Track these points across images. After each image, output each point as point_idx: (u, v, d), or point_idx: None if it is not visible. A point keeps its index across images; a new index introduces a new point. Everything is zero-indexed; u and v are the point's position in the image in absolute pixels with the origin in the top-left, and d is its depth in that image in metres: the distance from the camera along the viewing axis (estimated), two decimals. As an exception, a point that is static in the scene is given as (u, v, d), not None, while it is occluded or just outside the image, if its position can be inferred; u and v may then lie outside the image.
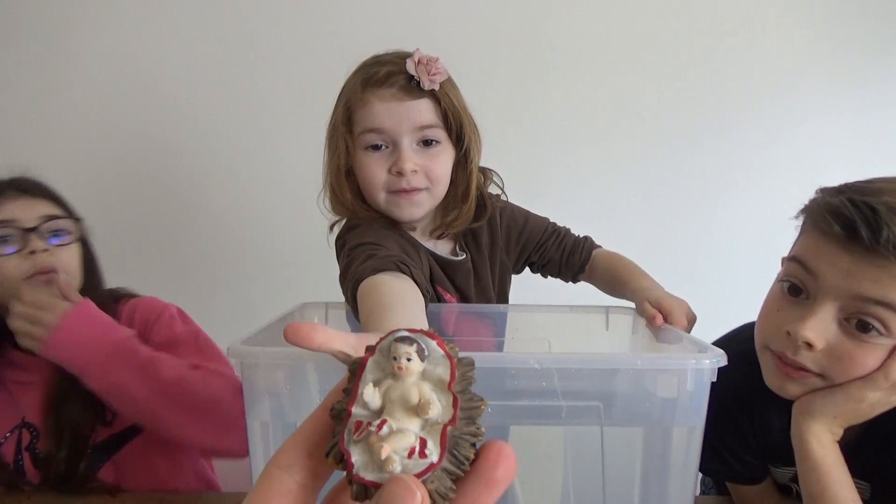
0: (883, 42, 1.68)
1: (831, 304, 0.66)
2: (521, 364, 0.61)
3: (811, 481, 0.70)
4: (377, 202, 0.90)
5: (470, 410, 0.24)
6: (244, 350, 0.60)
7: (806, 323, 0.66)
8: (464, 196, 0.94)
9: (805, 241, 0.71)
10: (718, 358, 0.64)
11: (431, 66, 0.86)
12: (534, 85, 1.68)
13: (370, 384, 0.24)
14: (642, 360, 0.65)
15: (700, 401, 0.65)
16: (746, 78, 1.70)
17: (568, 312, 0.98)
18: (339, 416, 0.24)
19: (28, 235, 0.95)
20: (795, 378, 0.70)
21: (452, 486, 0.23)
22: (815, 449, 0.70)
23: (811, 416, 0.70)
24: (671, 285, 0.93)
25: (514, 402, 0.64)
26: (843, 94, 1.69)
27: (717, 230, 1.72)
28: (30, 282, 0.93)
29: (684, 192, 1.73)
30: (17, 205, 0.97)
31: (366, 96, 0.87)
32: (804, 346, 0.67)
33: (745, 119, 1.71)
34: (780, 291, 0.73)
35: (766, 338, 0.74)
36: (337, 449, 0.24)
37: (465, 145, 0.91)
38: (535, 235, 1.04)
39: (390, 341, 0.24)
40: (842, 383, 0.68)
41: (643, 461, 0.75)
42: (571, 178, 1.70)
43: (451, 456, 0.23)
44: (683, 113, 1.70)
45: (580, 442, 0.76)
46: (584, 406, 0.66)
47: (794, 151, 1.71)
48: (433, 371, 0.24)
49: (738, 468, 0.83)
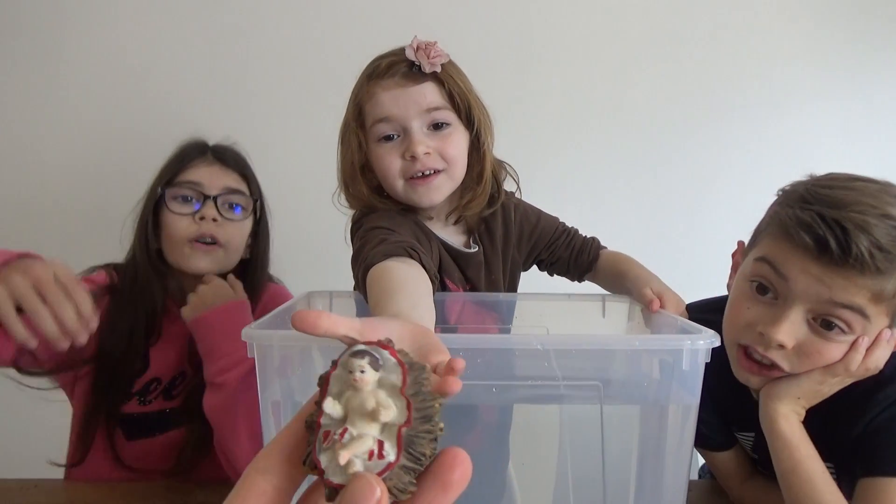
0: (874, 34, 1.71)
1: (801, 306, 0.73)
2: (525, 345, 0.63)
3: (784, 457, 0.76)
4: (396, 191, 0.91)
5: (425, 410, 0.26)
6: (259, 334, 0.62)
7: (780, 327, 0.73)
8: (478, 178, 0.95)
9: (774, 246, 0.76)
10: (712, 339, 0.67)
11: (430, 49, 0.88)
12: (526, 79, 1.69)
13: (330, 397, 0.26)
14: (640, 340, 0.68)
15: (695, 380, 0.68)
16: (740, 71, 1.71)
17: (566, 301, 1.00)
18: (311, 426, 0.27)
19: (206, 202, 1.04)
20: (760, 373, 0.78)
21: (412, 479, 0.25)
22: (784, 427, 0.76)
23: (778, 398, 0.77)
24: (662, 278, 0.95)
25: (518, 382, 0.66)
26: (836, 85, 1.72)
27: (710, 223, 1.75)
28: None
29: (676, 184, 1.75)
30: (208, 171, 1.06)
31: (371, 89, 0.89)
32: (776, 346, 0.74)
33: (738, 111, 1.72)
34: (749, 290, 0.78)
35: (736, 334, 0.79)
36: (310, 457, 0.26)
37: (475, 126, 0.92)
38: (547, 234, 1.06)
39: (347, 356, 0.27)
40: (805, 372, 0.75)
41: (640, 439, 0.78)
42: (563, 171, 1.72)
43: (407, 454, 0.25)
44: (676, 106, 1.72)
45: (577, 422, 0.79)
46: (584, 385, 0.69)
47: (788, 143, 1.74)
48: (387, 378, 0.26)
49: (705, 431, 0.87)
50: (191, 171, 1.06)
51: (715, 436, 0.90)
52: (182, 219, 1.04)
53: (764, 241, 0.78)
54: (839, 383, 0.76)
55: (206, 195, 1.05)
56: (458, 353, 0.32)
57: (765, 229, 0.79)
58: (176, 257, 1.05)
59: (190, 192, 1.05)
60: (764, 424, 0.79)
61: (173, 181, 1.05)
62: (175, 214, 1.04)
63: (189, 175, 1.05)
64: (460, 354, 0.32)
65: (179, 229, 1.03)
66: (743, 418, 0.87)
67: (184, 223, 1.03)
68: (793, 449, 0.76)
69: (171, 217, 1.04)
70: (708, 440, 0.90)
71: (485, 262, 0.99)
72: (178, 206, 1.04)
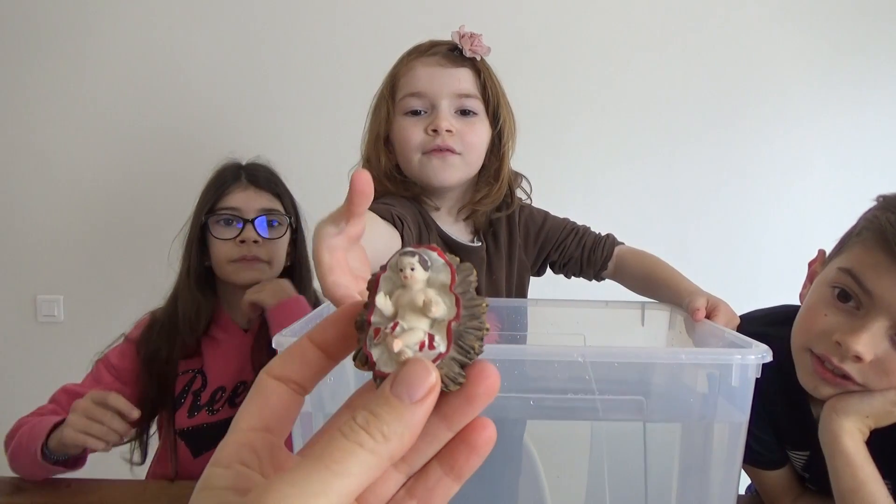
0: (889, 42, 1.67)
1: (885, 320, 0.67)
2: (566, 357, 0.60)
3: (846, 476, 0.71)
4: (412, 165, 0.91)
5: (473, 308, 0.27)
6: (289, 341, 0.61)
7: (859, 337, 0.67)
8: (495, 175, 0.95)
9: (862, 255, 0.70)
10: (763, 353, 0.63)
11: (475, 38, 0.90)
12: (553, 82, 1.68)
13: (382, 294, 0.27)
14: (686, 353, 0.64)
15: (745, 397, 0.64)
16: (760, 76, 1.70)
17: (603, 308, 0.97)
18: (361, 326, 0.27)
19: (246, 226, 1.12)
20: (834, 383, 0.72)
21: (461, 371, 0.26)
22: (849, 445, 0.71)
23: (845, 414, 0.71)
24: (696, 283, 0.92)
25: (558, 395, 0.63)
26: (843, 90, 1.69)
27: (735, 227, 1.71)
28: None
29: (711, 191, 1.72)
30: (244, 195, 1.14)
31: (411, 62, 0.91)
32: (853, 358, 0.68)
33: (774, 116, 1.70)
34: (829, 296, 0.72)
35: (808, 340, 0.74)
36: (362, 352, 0.27)
37: (500, 124, 0.94)
38: (554, 234, 1.04)
39: (397, 257, 0.27)
40: (881, 390, 0.70)
41: (682, 458, 0.74)
42: (596, 178, 1.71)
43: (457, 346, 0.26)
44: (697, 111, 1.71)
45: (613, 439, 0.76)
46: (625, 400, 0.66)
47: (828, 149, 1.69)
48: (436, 277, 0.27)
49: (757, 448, 0.83)
50: (228, 198, 1.14)
51: (769, 454, 0.85)
52: (225, 243, 1.13)
53: (854, 249, 0.72)
54: None
55: (244, 219, 1.13)
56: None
57: (857, 235, 0.73)
58: (224, 275, 1.14)
59: (229, 216, 1.13)
60: (825, 440, 0.73)
61: (214, 209, 1.14)
62: (219, 240, 1.13)
63: (227, 201, 1.14)
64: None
65: (224, 252, 1.13)
66: (798, 436, 0.82)
67: (227, 247, 1.12)
68: (856, 468, 0.71)
69: (215, 242, 1.14)
70: (761, 458, 0.86)
71: (487, 259, 0.99)
72: (221, 231, 1.13)
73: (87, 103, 1.69)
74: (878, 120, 1.69)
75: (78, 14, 1.66)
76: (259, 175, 1.17)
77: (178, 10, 1.66)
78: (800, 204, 1.70)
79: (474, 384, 0.26)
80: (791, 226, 1.69)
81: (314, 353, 0.29)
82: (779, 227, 1.71)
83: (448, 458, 0.27)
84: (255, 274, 1.13)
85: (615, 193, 1.71)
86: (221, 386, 1.13)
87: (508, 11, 1.66)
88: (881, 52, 1.67)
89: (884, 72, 1.68)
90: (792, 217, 1.70)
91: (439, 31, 0.96)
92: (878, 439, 0.74)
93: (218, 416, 1.13)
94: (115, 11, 1.66)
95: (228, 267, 1.13)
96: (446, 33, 0.94)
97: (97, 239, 1.72)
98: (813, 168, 1.70)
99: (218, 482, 0.26)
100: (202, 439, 1.12)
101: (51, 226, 1.72)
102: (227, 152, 1.22)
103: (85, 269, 1.74)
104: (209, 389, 1.13)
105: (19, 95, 1.68)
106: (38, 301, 1.75)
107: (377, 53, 1.02)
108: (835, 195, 1.65)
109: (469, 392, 0.26)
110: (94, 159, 1.70)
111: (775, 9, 1.67)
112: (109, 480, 1.04)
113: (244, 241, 1.11)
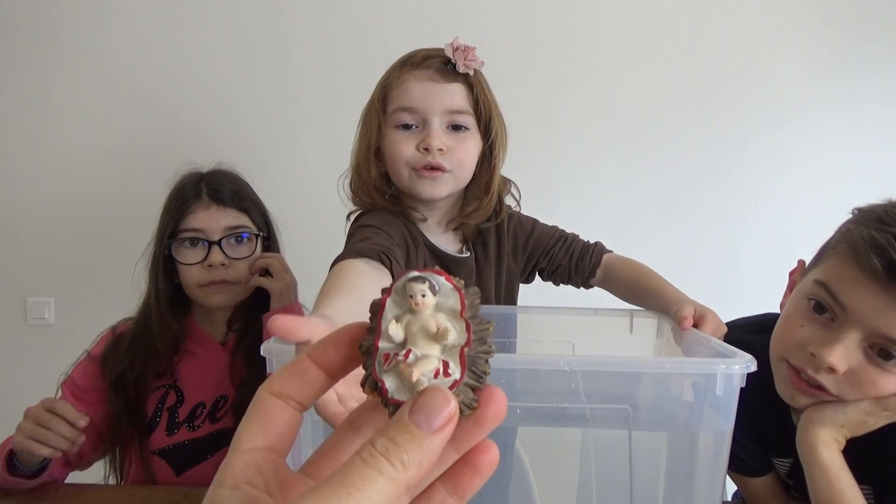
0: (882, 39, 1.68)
1: (858, 333, 0.68)
2: (552, 366, 0.61)
3: (822, 486, 0.72)
4: (402, 179, 0.91)
5: (481, 332, 0.27)
6: (278, 349, 0.61)
7: (833, 350, 0.68)
8: (485, 189, 0.95)
9: (836, 269, 0.71)
10: (748, 363, 0.63)
11: (469, 52, 0.89)
12: (548, 90, 1.69)
13: (393, 321, 0.27)
14: (671, 363, 0.65)
15: (729, 406, 0.64)
16: (762, 83, 1.70)
17: (592, 315, 0.98)
18: (367, 351, 0.27)
19: (211, 248, 1.06)
20: (808, 394, 0.73)
21: (475, 396, 0.26)
22: (825, 455, 0.72)
23: (821, 424, 0.73)
24: (683, 290, 0.93)
25: (545, 404, 0.64)
26: (844, 92, 1.70)
27: (733, 236, 1.72)
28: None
29: (699, 196, 1.73)
30: (206, 214, 1.07)
31: (403, 75, 0.90)
32: (827, 369, 0.69)
33: (761, 124, 1.71)
34: (806, 307, 0.73)
35: (785, 350, 0.75)
36: (371, 378, 0.27)
37: (491, 138, 0.93)
38: (543, 241, 1.05)
39: (404, 282, 0.27)
40: (855, 400, 0.71)
41: (668, 466, 0.75)
42: (585, 183, 1.71)
43: (470, 372, 0.26)
44: (699, 118, 1.71)
45: (601, 446, 0.76)
46: (611, 409, 0.66)
47: (816, 155, 1.70)
48: (445, 303, 0.27)
49: (741, 455, 0.84)
50: (190, 218, 1.08)
51: (753, 461, 0.86)
52: (192, 268, 1.07)
53: (830, 262, 0.73)
54: (888, 418, 0.72)
55: (209, 241, 1.07)
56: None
57: (832, 248, 0.74)
58: (195, 298, 1.10)
59: (194, 237, 1.07)
60: (801, 450, 0.75)
61: (176, 232, 1.08)
62: (185, 265, 1.07)
63: (189, 222, 1.07)
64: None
65: (192, 277, 1.07)
66: (781, 443, 0.83)
67: (194, 271, 1.07)
68: (832, 478, 0.72)
69: (181, 267, 1.08)
70: (746, 465, 0.86)
71: (476, 269, 0.99)
72: (186, 254, 1.07)
73: (78, 106, 1.68)
74: (867, 127, 1.70)
75: (64, 21, 1.65)
76: (222, 190, 1.10)
77: (166, 17, 1.66)
78: (789, 209, 1.72)
79: (484, 408, 0.26)
80: (780, 231, 1.71)
81: (315, 372, 0.28)
82: (768, 231, 1.72)
83: (452, 480, 0.27)
84: (225, 297, 1.09)
85: (605, 195, 1.72)
86: (201, 402, 1.10)
87: (499, 13, 1.67)
88: (873, 62, 1.69)
89: (876, 81, 1.69)
90: (781, 222, 1.71)
91: (433, 38, 0.95)
92: (856, 445, 0.75)
93: (199, 433, 1.10)
94: (101, 20, 1.65)
95: (198, 291, 1.08)
96: (437, 40, 0.93)
97: (88, 241, 1.72)
98: (803, 174, 1.71)
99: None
100: (184, 457, 1.09)
101: (41, 228, 1.71)
102: (186, 161, 1.17)
103: (76, 271, 1.73)
104: (187, 405, 1.10)
105: (8, 98, 1.67)
106: (28, 303, 1.74)
107: (366, 60, 1.02)
108: (823, 202, 1.66)
109: (479, 415, 0.26)
110: (85, 161, 1.70)
111: (765, 14, 1.68)
112: (97, 486, 1.04)
113: (212, 265, 1.06)
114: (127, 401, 1.06)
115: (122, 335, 1.10)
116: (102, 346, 1.10)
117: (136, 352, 1.07)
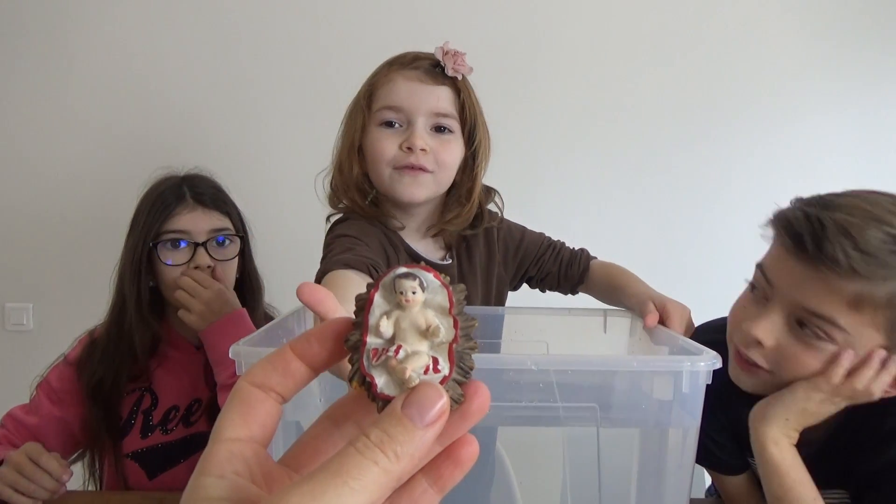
0: (885, 42, 1.70)
1: (781, 308, 0.72)
2: (519, 365, 0.62)
3: (773, 484, 0.74)
4: (382, 178, 0.90)
5: (467, 329, 0.28)
6: (248, 351, 0.61)
7: (758, 324, 0.72)
8: (467, 196, 0.95)
9: (770, 250, 0.76)
10: (713, 360, 0.65)
11: (458, 57, 0.90)
12: (530, 88, 1.69)
13: (383, 317, 0.27)
14: (638, 361, 0.66)
15: (695, 402, 0.66)
16: (744, 80, 1.71)
17: (566, 315, 0.99)
18: (354, 346, 0.27)
19: (197, 249, 1.06)
20: (747, 371, 0.76)
21: (462, 392, 0.27)
22: (774, 452, 0.74)
23: (766, 421, 0.74)
24: (666, 287, 0.94)
25: (512, 402, 0.65)
26: (843, 94, 1.71)
27: (714, 232, 1.73)
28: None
29: (680, 194, 1.74)
30: (191, 216, 1.07)
31: (391, 74, 0.90)
32: (754, 342, 0.73)
33: (742, 121, 1.72)
34: (748, 290, 0.78)
35: (730, 331, 0.79)
36: (359, 374, 0.27)
37: (475, 145, 0.93)
38: (532, 250, 1.05)
39: (393, 278, 0.27)
40: (789, 387, 0.73)
41: (640, 461, 0.76)
42: (567, 181, 1.72)
43: (458, 368, 0.27)
44: (680, 115, 1.72)
45: (579, 443, 0.77)
46: (580, 407, 0.67)
47: (793, 152, 1.72)
48: (433, 299, 0.27)
49: (717, 453, 0.85)
50: (175, 220, 1.07)
51: (729, 459, 0.87)
52: (175, 269, 1.05)
53: (769, 246, 0.77)
54: (827, 402, 0.72)
55: (195, 242, 1.07)
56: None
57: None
58: (172, 300, 1.07)
59: (178, 239, 1.06)
60: (754, 449, 0.76)
61: (161, 233, 1.06)
62: (169, 267, 1.06)
63: (174, 224, 1.06)
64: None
65: (175, 278, 1.05)
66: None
67: (178, 272, 1.05)
68: (783, 475, 0.73)
69: (165, 269, 1.06)
70: (723, 464, 0.87)
71: (459, 277, 0.98)
72: (170, 255, 1.06)
73: (59, 110, 1.67)
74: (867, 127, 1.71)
75: (34, 27, 1.64)
76: (205, 193, 1.10)
77: (137, 23, 1.65)
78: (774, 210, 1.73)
79: (469, 401, 0.27)
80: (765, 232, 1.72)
81: (297, 365, 0.28)
82: (752, 233, 1.73)
83: (433, 472, 0.28)
84: None
85: (587, 198, 1.73)
86: (175, 405, 1.10)
87: (488, 16, 1.67)
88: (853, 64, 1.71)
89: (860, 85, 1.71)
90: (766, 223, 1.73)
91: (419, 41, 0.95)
92: (829, 453, 0.76)
93: (173, 436, 1.09)
94: (70, 26, 1.64)
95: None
96: (425, 44, 0.93)
97: (67, 247, 1.70)
98: (787, 172, 1.72)
99: (213, 492, 0.25)
100: (157, 460, 1.08)
101: (20, 233, 1.70)
102: (160, 166, 1.16)
103: (54, 277, 1.71)
104: (161, 408, 1.09)
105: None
106: (6, 309, 1.72)
107: (353, 62, 1.00)
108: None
109: (464, 409, 0.27)
110: (64, 166, 1.68)
111: (746, 12, 1.70)
112: (72, 492, 1.03)
113: (198, 267, 1.06)
114: (104, 406, 1.05)
115: (97, 340, 1.09)
116: (79, 350, 1.09)
117: (112, 356, 1.06)
